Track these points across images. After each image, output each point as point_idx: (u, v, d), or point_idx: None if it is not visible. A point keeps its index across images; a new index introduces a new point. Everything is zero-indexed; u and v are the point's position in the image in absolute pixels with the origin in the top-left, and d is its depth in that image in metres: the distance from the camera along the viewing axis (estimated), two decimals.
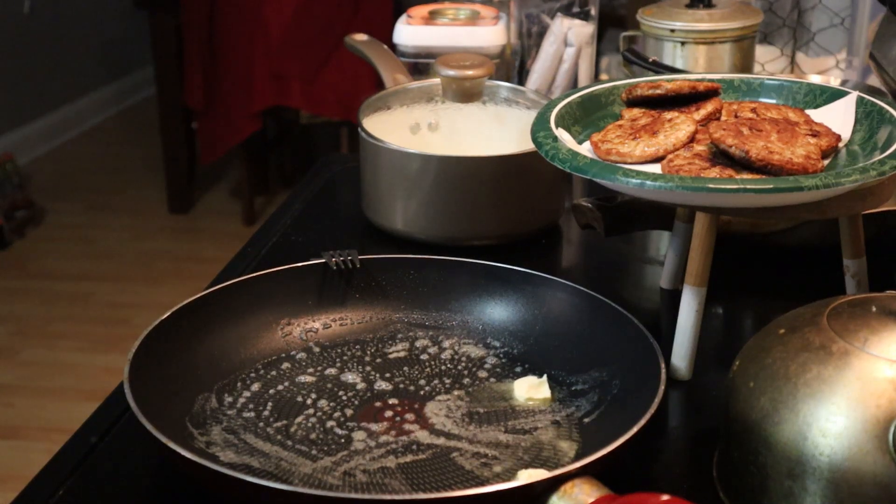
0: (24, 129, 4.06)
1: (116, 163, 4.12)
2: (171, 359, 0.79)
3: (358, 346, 0.87)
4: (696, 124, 0.86)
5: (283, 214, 1.17)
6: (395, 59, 1.24)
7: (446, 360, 0.85)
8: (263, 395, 0.80)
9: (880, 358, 0.63)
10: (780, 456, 0.65)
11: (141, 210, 3.71)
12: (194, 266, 3.31)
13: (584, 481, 0.64)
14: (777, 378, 0.66)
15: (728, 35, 1.25)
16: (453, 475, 0.71)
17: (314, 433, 0.76)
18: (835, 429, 0.62)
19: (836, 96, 0.90)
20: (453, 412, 0.78)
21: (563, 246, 1.12)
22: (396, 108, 1.14)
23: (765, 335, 0.71)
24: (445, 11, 1.30)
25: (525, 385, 0.81)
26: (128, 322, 2.94)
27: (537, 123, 0.86)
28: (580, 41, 1.30)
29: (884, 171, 0.75)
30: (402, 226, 1.07)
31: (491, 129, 1.12)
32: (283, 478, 0.71)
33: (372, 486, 0.70)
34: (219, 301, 0.85)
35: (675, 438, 0.80)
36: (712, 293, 0.84)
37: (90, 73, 4.46)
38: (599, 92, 0.92)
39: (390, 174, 1.06)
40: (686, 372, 0.84)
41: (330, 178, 1.28)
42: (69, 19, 4.26)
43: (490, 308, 0.89)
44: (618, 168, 0.77)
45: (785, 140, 0.80)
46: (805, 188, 0.73)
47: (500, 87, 1.15)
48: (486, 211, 1.05)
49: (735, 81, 0.94)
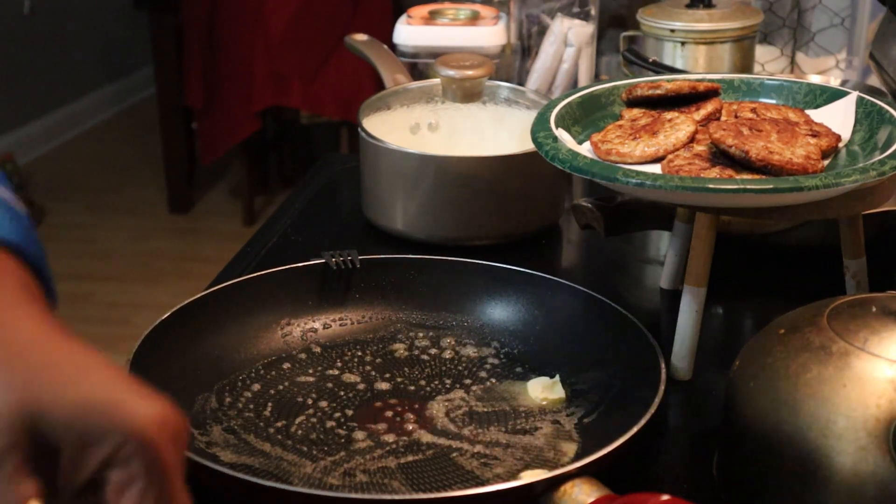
0: (24, 129, 4.06)
1: (116, 163, 4.12)
2: (171, 359, 0.79)
3: (358, 346, 0.87)
4: (696, 124, 0.86)
5: (283, 214, 1.17)
6: (395, 59, 1.24)
7: (446, 361, 0.85)
8: (263, 395, 0.80)
9: (880, 358, 0.63)
10: (780, 456, 0.65)
11: (141, 210, 3.71)
12: (194, 266, 3.30)
13: (584, 481, 0.64)
14: (777, 378, 0.66)
15: (728, 35, 1.25)
16: (453, 475, 0.71)
17: (314, 433, 0.76)
18: (835, 429, 0.62)
19: (836, 96, 0.90)
20: (453, 412, 0.78)
21: (563, 246, 1.12)
22: (396, 108, 1.14)
23: (765, 335, 0.71)
24: (445, 11, 1.30)
25: (539, 386, 0.81)
26: (128, 322, 2.94)
27: (537, 123, 0.86)
28: (580, 41, 1.30)
29: (884, 171, 0.75)
30: (402, 226, 1.07)
31: (491, 129, 1.12)
32: (283, 478, 0.71)
33: (372, 487, 0.70)
34: (219, 301, 0.85)
35: (675, 438, 0.80)
36: (712, 293, 0.84)
37: (90, 73, 4.46)
38: (599, 92, 0.92)
39: (390, 174, 1.06)
40: (686, 372, 0.84)
41: (330, 178, 1.28)
42: (69, 19, 4.26)
43: (490, 308, 0.89)
44: (618, 168, 0.77)
45: (785, 140, 0.80)
46: (805, 188, 0.73)
47: (500, 87, 1.15)
48: (486, 211, 1.05)
49: (735, 81, 0.94)
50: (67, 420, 0.45)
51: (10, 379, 0.45)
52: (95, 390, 0.45)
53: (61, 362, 0.46)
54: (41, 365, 0.46)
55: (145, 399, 0.46)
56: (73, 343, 0.48)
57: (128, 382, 0.47)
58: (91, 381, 0.46)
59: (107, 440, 0.45)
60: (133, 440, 0.45)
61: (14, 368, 0.45)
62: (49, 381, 0.45)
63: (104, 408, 0.45)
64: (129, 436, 0.45)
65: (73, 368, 0.46)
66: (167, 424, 0.46)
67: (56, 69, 4.20)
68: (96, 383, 0.46)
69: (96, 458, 0.45)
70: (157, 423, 0.45)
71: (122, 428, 0.45)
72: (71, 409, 0.45)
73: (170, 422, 0.46)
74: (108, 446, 0.45)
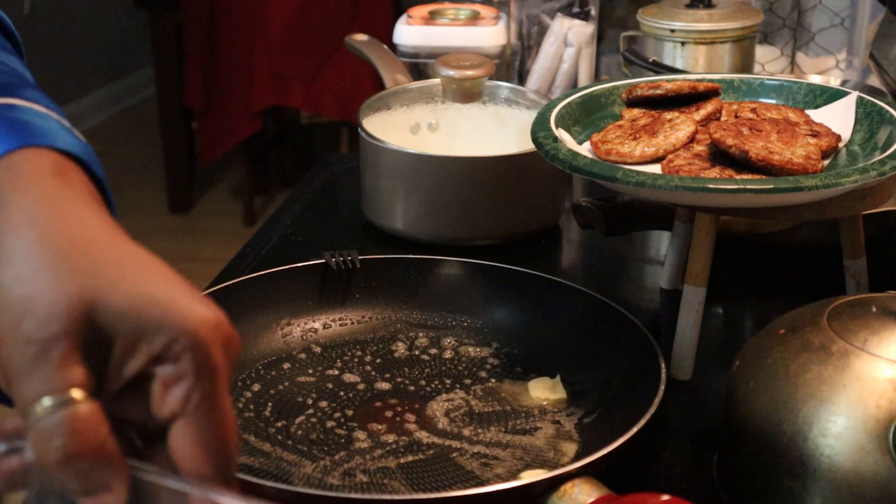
0: None
1: (116, 163, 4.12)
2: None
3: (358, 346, 0.87)
4: (696, 124, 0.86)
5: (283, 214, 1.17)
6: (395, 59, 1.24)
7: (446, 361, 0.85)
8: (263, 395, 0.80)
9: (880, 358, 0.63)
10: (780, 456, 0.65)
11: (141, 210, 3.71)
12: (194, 266, 3.30)
13: (584, 481, 0.64)
14: (777, 378, 0.66)
15: (728, 35, 1.25)
16: (453, 475, 0.71)
17: (314, 433, 0.76)
18: (835, 429, 0.62)
19: (836, 96, 0.90)
20: (453, 412, 0.78)
21: (563, 246, 1.12)
22: (396, 108, 1.14)
23: (765, 335, 0.71)
24: (445, 11, 1.30)
25: (540, 386, 0.81)
26: None
27: (537, 123, 0.86)
28: (580, 41, 1.30)
29: (884, 171, 0.75)
30: (402, 226, 1.07)
31: (491, 129, 1.12)
32: (283, 478, 0.71)
33: (372, 487, 0.70)
34: (219, 301, 0.83)
35: (675, 438, 0.80)
36: (712, 293, 0.84)
37: (90, 73, 4.46)
38: (599, 92, 0.92)
39: (390, 174, 1.06)
40: (686, 372, 0.84)
41: (330, 178, 1.28)
42: (69, 19, 4.26)
43: (490, 308, 0.89)
44: (618, 168, 0.77)
45: (785, 140, 0.80)
46: (805, 188, 0.73)
47: (500, 87, 1.15)
48: (486, 211, 1.05)
49: (735, 81, 0.94)
50: (124, 312, 0.45)
51: (72, 268, 0.46)
52: (155, 287, 0.46)
53: (123, 259, 0.47)
54: (103, 259, 0.47)
55: (202, 303, 0.47)
56: (136, 246, 0.49)
57: (187, 286, 0.48)
58: (151, 279, 0.47)
59: (160, 334, 0.45)
60: (186, 338, 0.45)
61: (77, 259, 0.46)
62: (110, 273, 0.46)
63: (161, 303, 0.46)
64: (182, 333, 0.45)
65: (135, 265, 0.47)
66: (221, 328, 0.47)
67: (56, 69, 4.20)
68: (156, 281, 0.47)
69: (148, 351, 0.45)
70: (211, 324, 0.46)
71: (176, 324, 0.45)
72: (128, 301, 0.45)
73: (223, 326, 0.47)
74: (161, 341, 0.45)
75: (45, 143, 0.52)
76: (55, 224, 0.47)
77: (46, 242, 0.47)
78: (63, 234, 0.47)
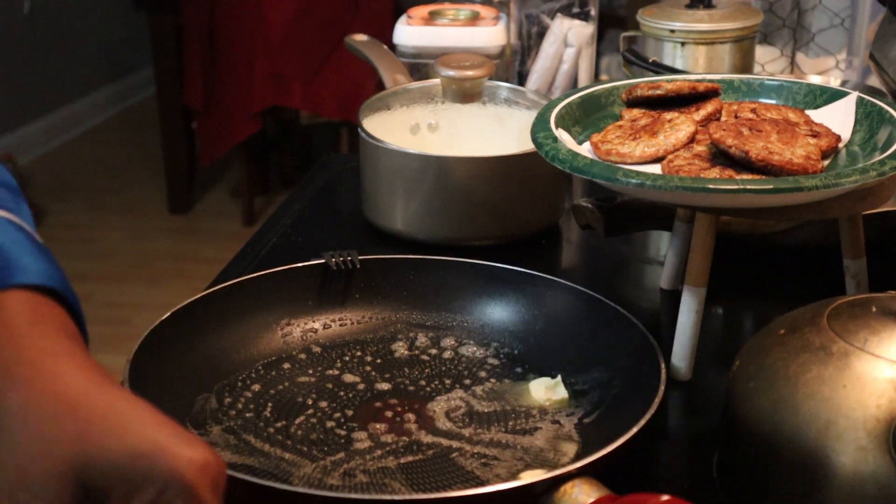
0: (24, 129, 4.06)
1: (116, 163, 4.12)
2: (171, 359, 0.79)
3: (358, 346, 0.87)
4: (696, 125, 0.86)
5: (283, 215, 1.17)
6: (395, 59, 1.24)
7: (446, 361, 0.85)
8: (263, 395, 0.80)
9: (880, 358, 0.63)
10: (780, 456, 0.65)
11: (141, 210, 3.71)
12: (194, 266, 3.30)
13: (584, 481, 0.64)
14: (777, 378, 0.66)
15: (728, 35, 1.25)
16: (453, 475, 0.71)
17: (314, 433, 0.76)
18: (835, 429, 0.62)
19: (836, 97, 0.90)
20: (453, 412, 0.78)
21: (563, 246, 1.12)
22: (396, 108, 1.14)
23: (765, 335, 0.71)
24: (445, 12, 1.30)
25: (542, 387, 0.81)
26: (128, 322, 2.94)
27: (537, 124, 0.86)
28: (580, 41, 1.30)
29: (884, 171, 0.75)
30: (402, 226, 1.07)
31: (491, 129, 1.12)
32: (283, 478, 0.71)
33: (372, 487, 0.70)
34: (219, 301, 0.85)
35: (675, 438, 0.80)
36: (712, 293, 0.84)
37: (90, 73, 4.46)
38: (599, 92, 0.92)
39: (390, 174, 1.06)
40: (686, 372, 0.84)
41: (330, 178, 1.28)
42: (69, 19, 4.26)
43: (490, 308, 0.89)
44: (618, 168, 0.77)
45: (785, 140, 0.80)
46: (805, 188, 0.73)
47: (500, 88, 1.15)
48: (486, 211, 1.05)
49: (735, 82, 0.94)
50: (115, 469, 0.48)
51: (61, 433, 0.48)
52: (141, 438, 0.49)
53: (108, 413, 0.50)
54: (90, 418, 0.49)
55: (188, 444, 0.49)
56: (117, 392, 0.51)
57: (171, 428, 0.50)
58: (136, 430, 0.49)
59: (151, 484, 0.48)
60: (175, 484, 0.48)
61: (65, 423, 0.49)
62: (96, 432, 0.49)
63: (148, 454, 0.48)
64: (171, 479, 0.48)
65: (119, 418, 0.50)
66: (208, 469, 0.49)
67: (56, 69, 4.20)
68: (141, 431, 0.49)
69: (141, 501, 0.48)
70: (198, 467, 0.48)
71: (164, 472, 0.48)
72: (118, 458, 0.48)
73: (211, 466, 0.49)
74: (152, 490, 0.48)
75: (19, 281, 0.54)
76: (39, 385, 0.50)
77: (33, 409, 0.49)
78: (47, 396, 0.49)
